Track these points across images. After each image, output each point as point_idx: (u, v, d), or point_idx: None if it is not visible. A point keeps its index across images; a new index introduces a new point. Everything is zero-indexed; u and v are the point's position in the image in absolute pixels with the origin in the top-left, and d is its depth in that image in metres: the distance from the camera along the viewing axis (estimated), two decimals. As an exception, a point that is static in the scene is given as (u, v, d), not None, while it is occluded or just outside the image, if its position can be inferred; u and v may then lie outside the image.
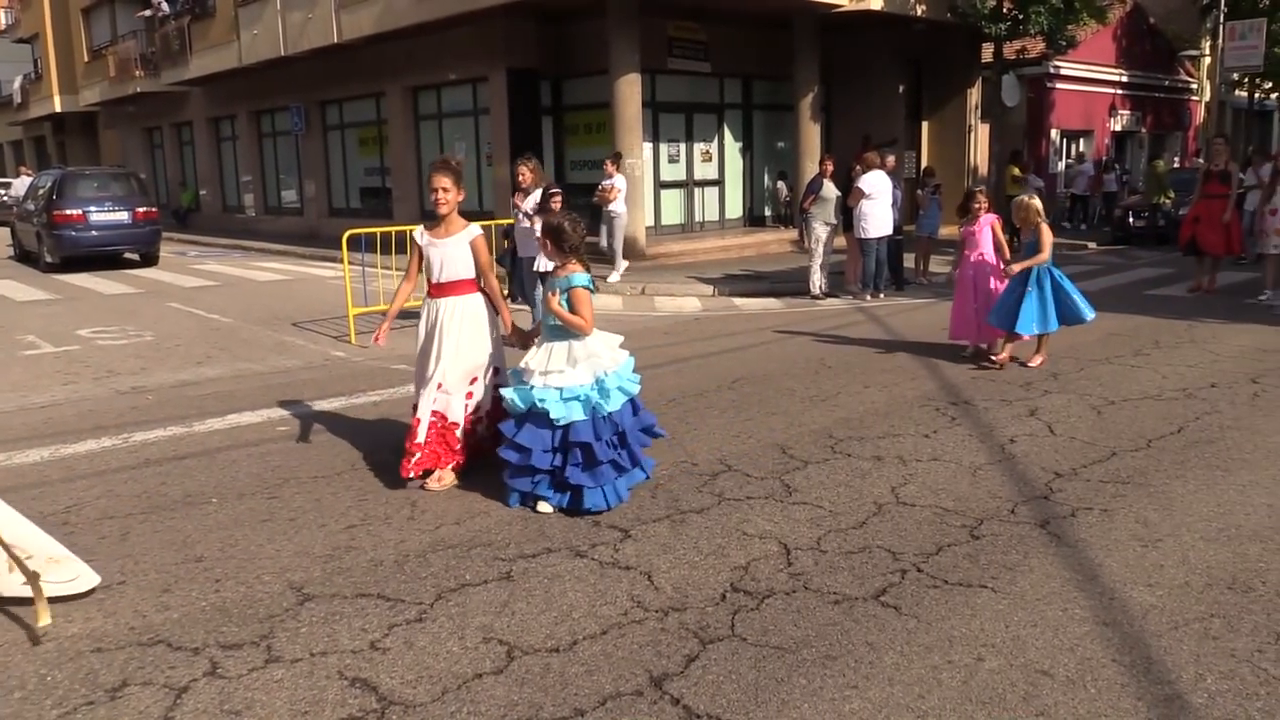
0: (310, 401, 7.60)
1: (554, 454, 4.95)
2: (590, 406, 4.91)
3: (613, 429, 4.97)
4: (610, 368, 5.03)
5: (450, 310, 5.48)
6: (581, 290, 5.03)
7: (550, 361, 5.00)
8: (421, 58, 20.26)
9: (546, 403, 4.90)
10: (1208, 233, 12.59)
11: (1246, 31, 25.07)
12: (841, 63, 20.99)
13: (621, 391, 5.04)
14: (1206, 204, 12.63)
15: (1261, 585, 4.09)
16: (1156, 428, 6.44)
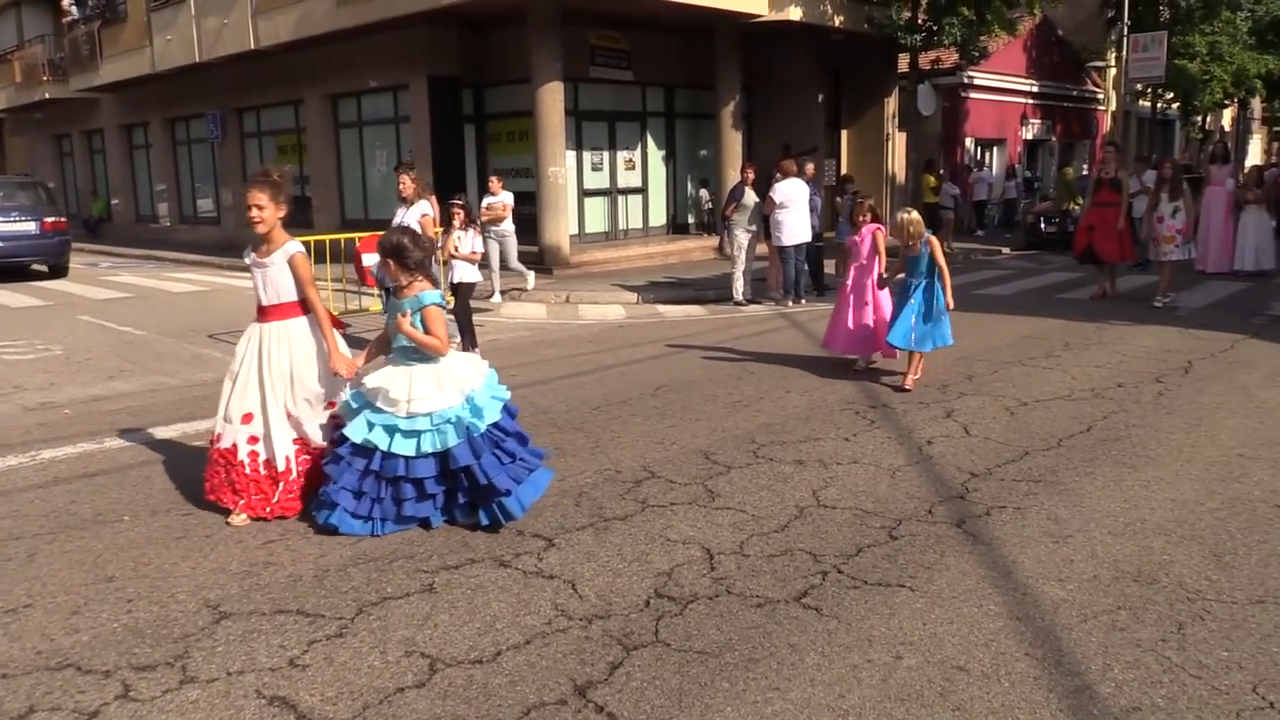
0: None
1: (441, 479, 4.82)
2: (464, 427, 4.74)
3: (492, 444, 4.83)
4: (478, 384, 4.91)
5: (277, 336, 5.10)
6: (434, 309, 4.84)
7: (414, 388, 4.77)
8: (341, 65, 19.99)
9: (422, 435, 4.73)
10: (1102, 241, 12.75)
11: (1149, 44, 26.02)
12: (763, 72, 21.25)
13: (495, 400, 4.94)
14: (1099, 212, 12.79)
15: (1165, 577, 4.24)
16: (1067, 427, 6.64)
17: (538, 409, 7.40)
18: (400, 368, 4.85)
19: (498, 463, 4.81)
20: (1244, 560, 4.41)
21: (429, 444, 4.73)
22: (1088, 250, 12.99)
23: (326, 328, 5.15)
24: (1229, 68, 30.78)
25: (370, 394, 4.84)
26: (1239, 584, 4.17)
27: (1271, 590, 4.10)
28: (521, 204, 19.02)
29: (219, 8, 21.11)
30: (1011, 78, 29.24)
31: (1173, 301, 12.10)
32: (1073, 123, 33.58)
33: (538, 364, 9.29)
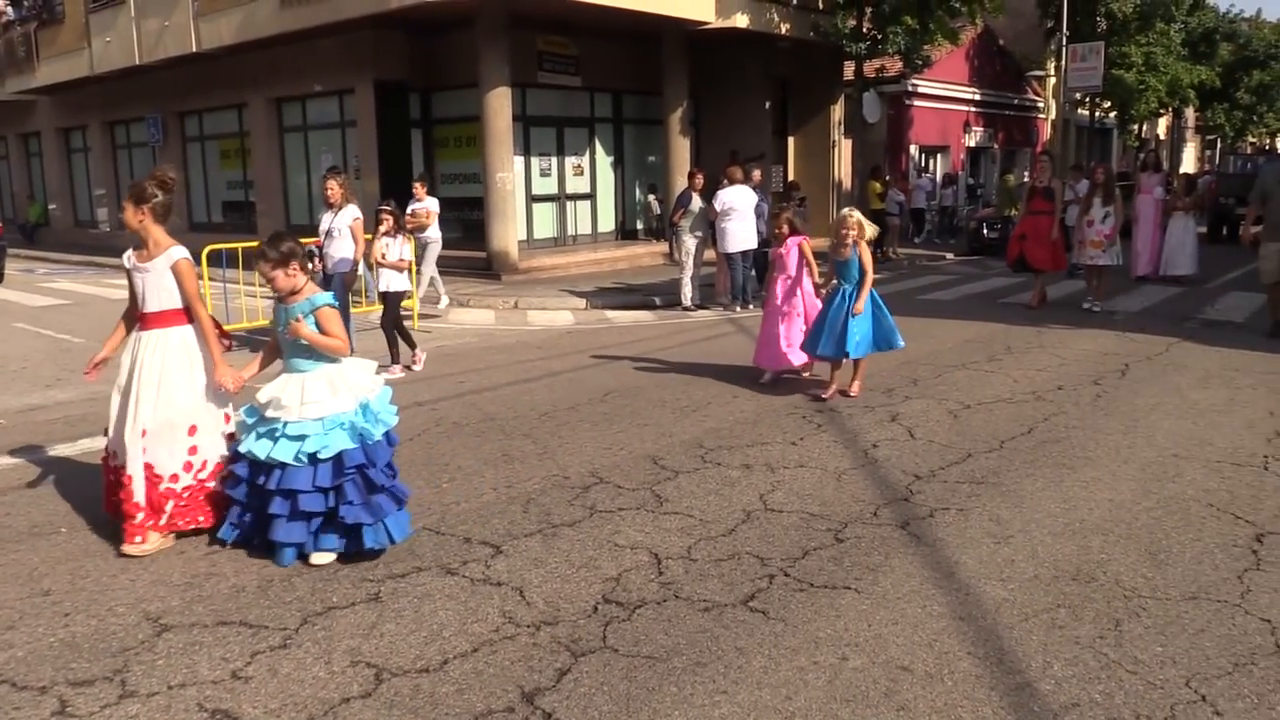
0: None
1: (326, 494, 4.48)
2: (358, 433, 4.52)
3: (387, 456, 4.65)
4: (371, 393, 4.69)
5: (154, 345, 4.81)
6: (329, 309, 4.64)
7: (307, 392, 4.53)
8: (286, 68, 19.77)
9: (308, 439, 4.45)
10: (1035, 249, 12.70)
11: (1086, 54, 26.62)
12: (710, 78, 21.37)
13: (382, 422, 4.68)
14: (1033, 220, 12.74)
15: (1103, 575, 4.34)
16: (1009, 429, 6.76)
17: (485, 415, 7.37)
18: (293, 375, 4.63)
19: (385, 476, 4.60)
20: (1178, 558, 4.52)
21: (318, 448, 4.44)
22: (1020, 258, 13.00)
23: (211, 339, 4.90)
24: (1163, 78, 31.58)
25: (262, 406, 4.60)
26: (1173, 581, 4.28)
27: (1204, 587, 4.21)
28: (469, 210, 19.05)
29: (160, 10, 20.76)
30: (954, 86, 29.75)
31: (1104, 307, 12.30)
32: (1014, 130, 34.22)
33: (485, 370, 9.25)
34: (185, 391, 4.84)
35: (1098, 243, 12.50)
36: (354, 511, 4.46)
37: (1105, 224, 12.50)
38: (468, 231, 19.25)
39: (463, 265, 17.73)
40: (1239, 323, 11.38)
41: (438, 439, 6.72)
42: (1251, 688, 3.41)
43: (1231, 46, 41.37)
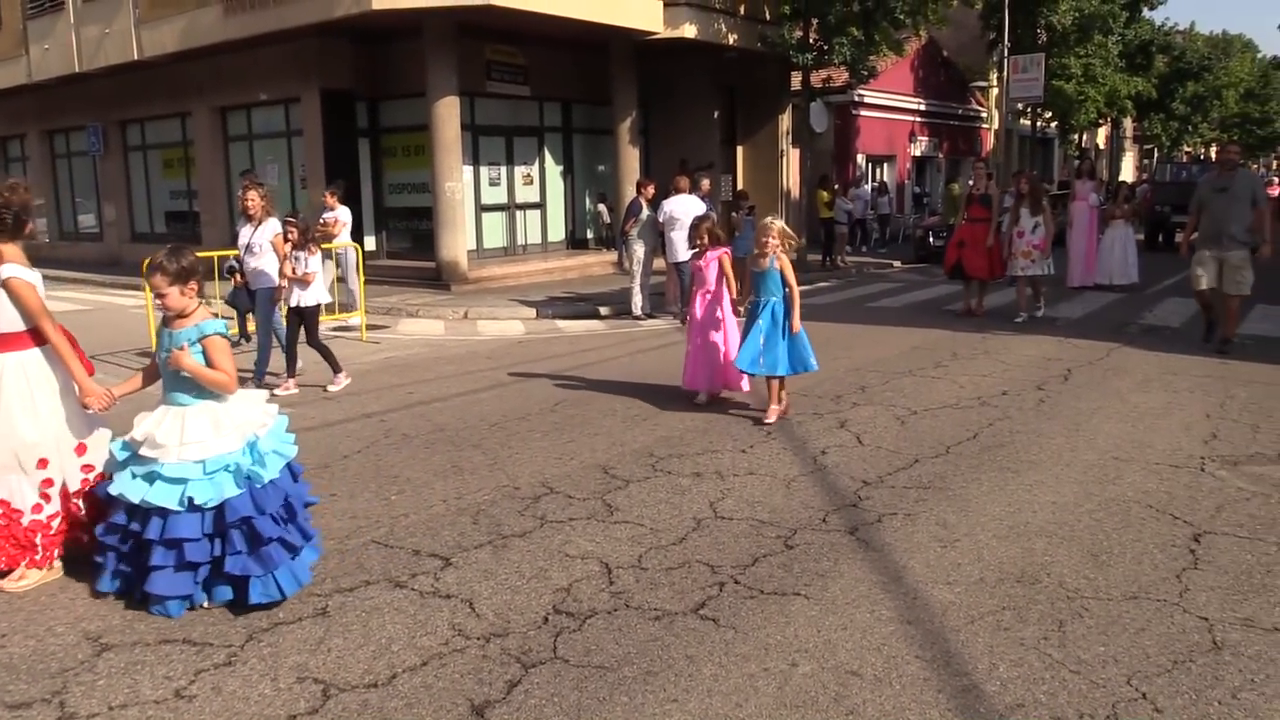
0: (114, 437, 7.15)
1: (211, 541, 4.09)
2: (244, 476, 4.11)
3: (279, 499, 4.22)
4: (262, 430, 4.30)
5: None
6: (218, 339, 4.22)
7: (187, 431, 4.11)
8: (230, 77, 19.51)
9: (189, 483, 4.04)
10: (972, 257, 12.67)
11: (1028, 65, 27.15)
12: (659, 88, 21.45)
13: (278, 455, 4.31)
14: (970, 228, 12.73)
15: (1046, 577, 4.41)
16: (955, 434, 6.85)
17: (435, 426, 7.32)
18: (172, 408, 4.20)
19: (277, 525, 4.18)
20: (1119, 559, 4.61)
21: (199, 495, 4.03)
22: (957, 266, 12.98)
23: (67, 357, 4.49)
24: (1102, 89, 32.32)
25: (136, 442, 4.18)
26: (1114, 581, 4.36)
27: (1144, 586, 4.30)
28: (418, 219, 18.93)
29: (100, 16, 20.40)
30: (900, 96, 30.16)
31: (1045, 313, 12.35)
32: (959, 140, 34.77)
33: (435, 381, 9.19)
34: (28, 422, 4.40)
35: (1028, 253, 12.35)
36: (240, 562, 4.07)
37: (1035, 234, 12.36)
38: (417, 241, 19.14)
39: (412, 275, 17.63)
40: (1176, 328, 11.64)
41: (386, 451, 6.66)
42: (1190, 684, 3.49)
43: (1166, 59, 42.41)
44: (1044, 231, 12.34)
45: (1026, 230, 12.39)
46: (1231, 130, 61.66)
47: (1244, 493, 5.56)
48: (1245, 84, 57.45)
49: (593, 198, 22.12)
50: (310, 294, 8.86)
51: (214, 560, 4.09)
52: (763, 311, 7.23)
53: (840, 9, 19.21)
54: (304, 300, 8.84)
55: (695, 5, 19.31)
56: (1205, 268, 9.99)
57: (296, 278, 8.76)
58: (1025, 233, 12.39)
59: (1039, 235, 12.32)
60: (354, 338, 12.06)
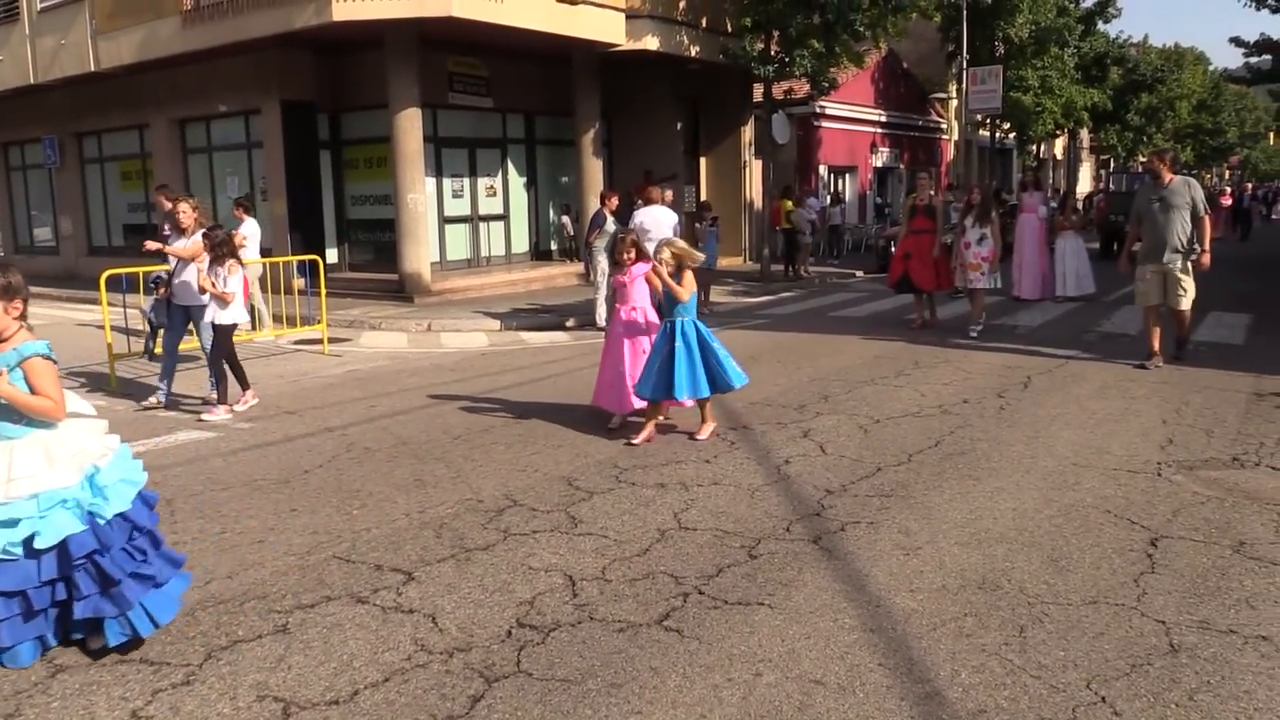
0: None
1: (53, 586, 3.74)
2: (85, 512, 3.77)
3: (126, 533, 3.90)
4: (103, 460, 3.95)
5: None
6: (40, 361, 3.79)
7: (15, 466, 3.73)
8: (189, 88, 19.32)
9: (21, 523, 3.67)
10: (918, 269, 12.44)
11: (986, 77, 27.51)
12: (622, 100, 21.50)
13: (127, 484, 3.97)
14: (915, 240, 12.47)
15: (1007, 583, 4.45)
16: (917, 443, 6.90)
17: (398, 439, 7.27)
18: None
19: (130, 559, 3.88)
20: (1078, 564, 4.66)
21: (36, 536, 3.68)
22: (904, 279, 12.71)
23: None
24: (1059, 100, 32.80)
25: None
26: (1074, 586, 4.41)
27: (1103, 591, 4.35)
28: (381, 231, 18.82)
29: (56, 27, 20.14)
30: (861, 108, 30.43)
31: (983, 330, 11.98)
32: (919, 151, 35.15)
33: (398, 394, 9.12)
34: None
35: (976, 265, 12.01)
36: (92, 604, 3.74)
37: (982, 246, 11.98)
38: (379, 254, 19.02)
39: (375, 288, 17.52)
40: (1133, 335, 11.80)
41: (348, 465, 6.60)
42: (1148, 687, 3.53)
43: (1121, 71, 43.14)
44: (991, 244, 11.99)
45: (973, 242, 12.04)
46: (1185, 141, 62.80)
47: (1199, 497, 5.65)
48: (1197, 95, 58.54)
49: (556, 209, 22.11)
50: (228, 312, 8.37)
51: (61, 603, 3.78)
52: (678, 335, 6.89)
53: (801, 22, 19.34)
54: (222, 318, 8.35)
55: (657, 18, 19.38)
56: (1148, 284, 9.66)
57: (216, 293, 8.26)
58: (972, 244, 12.05)
59: (986, 247, 11.97)
60: (316, 351, 11.96)
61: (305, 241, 17.75)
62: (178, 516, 5.56)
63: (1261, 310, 14.13)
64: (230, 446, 7.22)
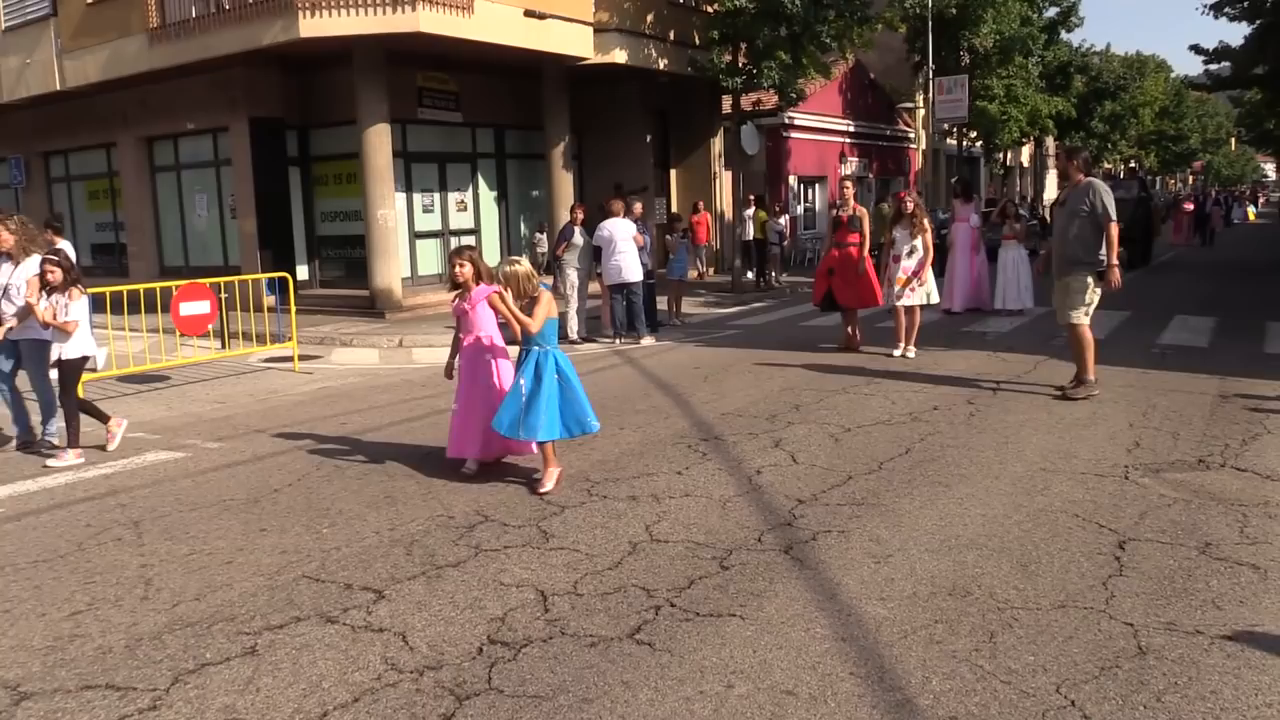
0: (32, 478, 6.96)
1: None
2: None
3: None
4: None
5: None
6: None
7: None
8: (156, 106, 19.18)
9: None
10: (842, 286, 11.52)
11: (952, 86, 27.82)
12: (592, 113, 21.53)
13: None
14: (839, 254, 11.55)
15: (977, 589, 4.47)
16: (887, 450, 6.93)
17: (369, 457, 7.22)
18: None
19: None
20: (1047, 568, 4.70)
21: None
22: (828, 296, 11.76)
23: None
24: (1024, 108, 33.19)
25: None
26: (1043, 591, 4.44)
27: (1071, 595, 4.38)
28: (351, 247, 18.74)
29: (22, 46, 19.95)
30: (829, 118, 30.63)
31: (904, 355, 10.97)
32: (888, 160, 35.41)
33: (369, 411, 9.07)
34: None
35: (905, 280, 10.96)
36: None
37: (912, 259, 10.97)
38: (350, 270, 18.93)
39: (345, 304, 17.43)
40: (1100, 339, 11.90)
41: (318, 483, 6.55)
42: (1116, 690, 3.55)
43: (1085, 79, 43.73)
44: (921, 256, 10.96)
45: (902, 255, 11.03)
46: (1149, 147, 63.63)
47: (1165, 499, 5.71)
48: (1160, 102, 59.42)
49: (528, 223, 22.10)
50: (72, 345, 7.53)
51: None
52: (526, 365, 6.21)
53: (768, 34, 19.47)
54: (69, 352, 7.53)
55: (625, 31, 19.46)
56: (1058, 299, 8.73)
57: (58, 324, 7.39)
58: (901, 257, 11.03)
59: (916, 260, 10.97)
60: (286, 369, 11.88)
61: (275, 258, 17.64)
62: (145, 539, 5.50)
63: (1225, 313, 14.33)
64: (199, 466, 7.15)
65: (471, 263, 6.67)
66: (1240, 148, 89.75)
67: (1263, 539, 5.04)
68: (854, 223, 11.66)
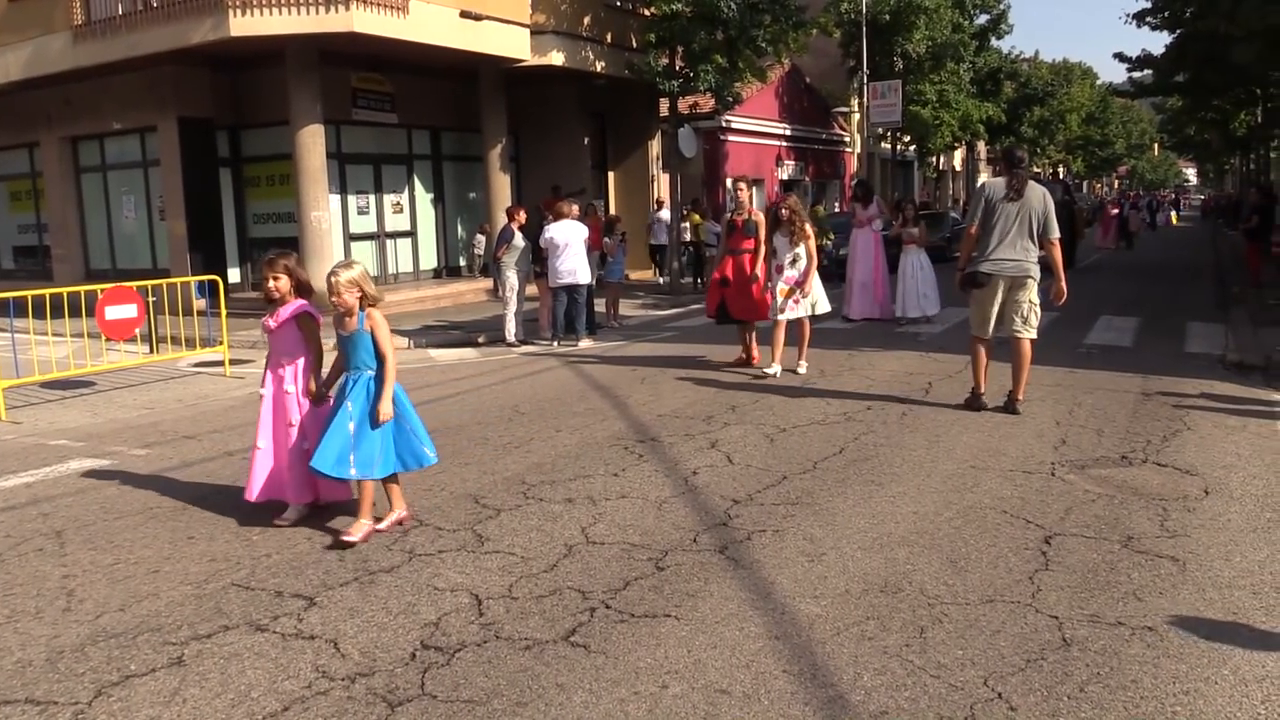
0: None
1: None
2: None
3: None
4: None
5: None
6: None
7: None
8: (81, 106, 18.74)
9: None
10: (736, 297, 10.60)
11: (886, 91, 28.23)
12: (529, 115, 21.49)
13: None
14: (733, 262, 10.64)
15: (908, 585, 4.54)
16: (822, 450, 7.01)
17: (301, 462, 7.11)
18: None
19: None
20: (976, 564, 4.78)
21: None
22: (722, 308, 10.78)
23: None
24: (956, 113, 33.83)
25: None
26: (972, 586, 4.52)
27: (999, 590, 4.47)
28: (285, 250, 18.43)
29: (-63, 43, 19.36)
30: (766, 122, 30.92)
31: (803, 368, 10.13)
32: (823, 164, 35.83)
33: (302, 415, 8.93)
34: None
35: (789, 291, 10.06)
36: None
37: (795, 268, 10.08)
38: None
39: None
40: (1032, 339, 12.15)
41: (249, 489, 6.43)
42: (1041, 681, 3.63)
43: (1014, 85, 44.67)
44: (806, 264, 10.09)
45: (785, 264, 10.10)
46: (1076, 152, 65.18)
47: (1090, 494, 5.85)
48: (1086, 108, 60.97)
49: (466, 225, 21.96)
50: None
51: None
52: (352, 390, 5.40)
53: (704, 37, 19.60)
54: None
55: (562, 33, 19.45)
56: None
57: None
58: (784, 267, 10.10)
59: (799, 269, 10.09)
60: (217, 373, 11.65)
61: (205, 261, 17.33)
62: (68, 548, 5.36)
63: (1149, 314, 14.73)
64: (126, 474, 6.98)
65: (289, 273, 5.66)
66: (1163, 153, 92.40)
67: (1181, 532, 5.18)
68: (749, 228, 10.61)
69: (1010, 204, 7.82)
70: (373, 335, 5.41)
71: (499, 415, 8.57)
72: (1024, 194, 7.84)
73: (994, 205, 7.89)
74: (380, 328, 5.43)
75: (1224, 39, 19.19)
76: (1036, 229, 7.85)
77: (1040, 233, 7.87)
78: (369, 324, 5.42)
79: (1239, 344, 11.40)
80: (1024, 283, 7.92)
